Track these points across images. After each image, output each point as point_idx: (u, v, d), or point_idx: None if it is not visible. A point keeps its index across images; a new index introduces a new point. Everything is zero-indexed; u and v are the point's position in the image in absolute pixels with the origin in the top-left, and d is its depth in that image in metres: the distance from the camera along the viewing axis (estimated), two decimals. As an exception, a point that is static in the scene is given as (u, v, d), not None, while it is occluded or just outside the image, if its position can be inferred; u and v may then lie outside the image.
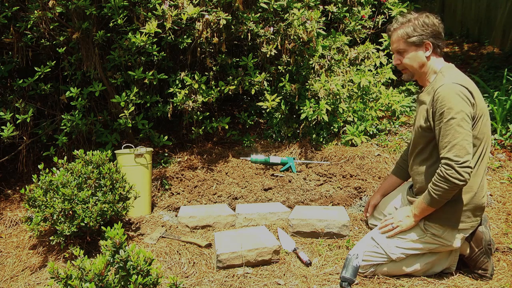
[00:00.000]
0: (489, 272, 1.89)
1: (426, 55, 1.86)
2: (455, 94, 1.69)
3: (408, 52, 1.88)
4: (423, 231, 1.86)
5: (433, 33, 1.84)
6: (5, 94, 3.12)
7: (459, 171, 1.67)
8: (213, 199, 2.82)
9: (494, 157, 3.04)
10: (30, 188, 2.16)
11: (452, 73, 1.81)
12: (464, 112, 1.69)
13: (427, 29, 1.83)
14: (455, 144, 1.68)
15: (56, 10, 2.71)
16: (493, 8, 6.09)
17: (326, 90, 3.22)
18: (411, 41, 1.85)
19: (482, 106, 1.77)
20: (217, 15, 2.85)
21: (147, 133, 3.23)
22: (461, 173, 1.67)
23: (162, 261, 2.11)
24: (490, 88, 4.12)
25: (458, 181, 1.68)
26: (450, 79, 1.75)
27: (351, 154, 3.23)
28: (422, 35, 1.84)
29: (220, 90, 3.23)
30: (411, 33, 1.84)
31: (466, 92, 1.70)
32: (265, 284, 1.89)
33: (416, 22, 1.84)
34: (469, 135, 1.70)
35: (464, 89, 1.70)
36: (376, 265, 1.91)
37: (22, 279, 2.09)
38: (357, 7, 3.88)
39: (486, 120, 1.79)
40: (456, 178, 1.68)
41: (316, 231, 2.31)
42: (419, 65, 1.88)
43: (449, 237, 1.83)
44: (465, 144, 1.68)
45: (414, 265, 1.90)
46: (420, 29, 1.83)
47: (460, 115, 1.68)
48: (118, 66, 3.12)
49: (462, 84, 1.72)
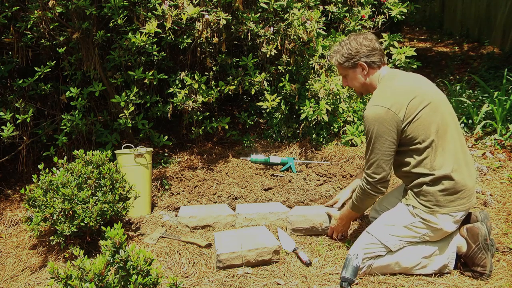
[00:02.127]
0: (487, 269, 1.88)
1: (364, 74, 2.04)
2: (373, 120, 1.88)
3: (348, 75, 2.09)
4: (413, 216, 1.91)
5: (363, 53, 2.00)
6: (5, 94, 3.12)
7: (376, 186, 1.94)
8: (213, 199, 2.82)
9: (494, 157, 3.05)
10: (30, 188, 2.16)
11: (381, 90, 1.97)
12: (381, 134, 1.87)
13: (354, 52, 2.00)
14: (373, 163, 1.92)
15: (56, 10, 2.71)
16: (493, 8, 6.09)
17: (326, 90, 3.22)
18: (346, 66, 2.05)
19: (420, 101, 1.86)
20: (217, 15, 2.85)
21: (147, 133, 3.23)
22: (377, 187, 1.94)
23: (162, 261, 2.11)
24: (490, 88, 4.12)
25: (375, 193, 1.96)
26: (373, 101, 1.92)
27: (351, 154, 3.23)
28: (353, 59, 2.01)
29: (220, 90, 3.23)
30: (343, 60, 2.04)
31: (384, 113, 1.85)
32: (265, 284, 1.89)
33: (343, 50, 2.03)
34: (387, 154, 1.90)
35: (383, 109, 1.85)
36: (374, 257, 1.93)
37: (22, 279, 2.09)
38: (357, 7, 3.87)
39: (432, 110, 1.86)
40: (373, 191, 1.95)
41: (315, 227, 2.33)
42: (360, 84, 2.08)
43: (438, 221, 1.87)
44: (381, 163, 1.91)
45: (411, 258, 1.92)
46: (348, 54, 2.02)
47: (376, 137, 1.88)
48: (118, 66, 3.12)
49: (381, 104, 1.87)
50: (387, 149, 1.89)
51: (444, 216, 1.87)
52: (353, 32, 2.35)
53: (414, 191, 1.92)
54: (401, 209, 1.97)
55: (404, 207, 1.95)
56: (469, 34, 6.76)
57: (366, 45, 1.99)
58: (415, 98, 1.86)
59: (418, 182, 1.89)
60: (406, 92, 1.88)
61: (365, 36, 2.01)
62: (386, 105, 1.85)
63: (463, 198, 1.88)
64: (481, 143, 3.28)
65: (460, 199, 1.87)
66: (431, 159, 1.86)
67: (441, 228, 1.88)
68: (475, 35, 6.59)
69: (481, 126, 3.41)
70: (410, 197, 1.94)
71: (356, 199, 2.05)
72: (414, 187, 1.91)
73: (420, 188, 1.88)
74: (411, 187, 1.94)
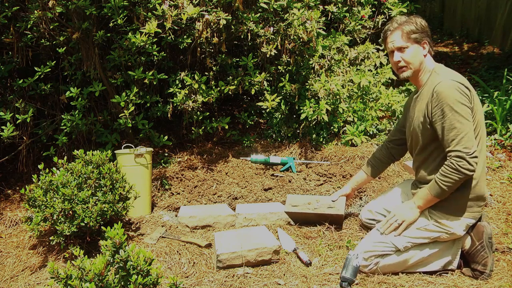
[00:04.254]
0: (488, 268, 1.88)
1: (424, 53, 1.96)
2: (455, 90, 1.77)
3: (409, 48, 1.95)
4: (427, 219, 1.90)
5: (428, 34, 1.97)
6: (5, 94, 3.12)
7: (470, 161, 1.75)
8: (213, 199, 2.82)
9: (494, 157, 3.04)
10: (30, 188, 2.15)
11: (447, 71, 1.91)
12: (465, 105, 1.77)
13: (424, 28, 1.95)
14: (463, 137, 1.76)
15: (56, 10, 2.71)
16: (493, 8, 6.09)
17: (326, 90, 3.22)
18: (413, 37, 1.93)
19: (476, 100, 1.86)
20: (217, 15, 2.85)
21: (147, 133, 3.22)
22: (471, 163, 1.75)
23: (162, 261, 2.11)
24: (490, 88, 4.12)
25: (468, 171, 1.76)
26: (447, 76, 1.83)
27: (351, 154, 3.23)
28: (422, 33, 1.94)
29: (220, 90, 3.23)
30: (414, 30, 1.93)
31: (463, 88, 1.80)
32: (265, 284, 1.89)
33: (416, 21, 1.95)
34: (472, 127, 1.79)
35: (461, 85, 1.80)
36: (381, 255, 1.92)
37: (22, 279, 2.09)
38: (357, 7, 3.88)
39: (481, 113, 1.88)
40: (467, 168, 1.75)
41: (311, 207, 2.41)
42: (419, 61, 1.95)
43: (453, 224, 1.87)
44: (471, 136, 1.77)
45: (417, 256, 1.91)
46: (420, 27, 1.94)
47: (462, 110, 1.76)
48: (118, 66, 3.12)
49: (458, 80, 1.81)
50: (472, 122, 1.79)
51: (459, 221, 1.86)
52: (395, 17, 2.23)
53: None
54: (415, 209, 1.94)
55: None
56: (469, 34, 6.75)
57: (429, 29, 1.96)
58: (472, 90, 1.85)
59: None
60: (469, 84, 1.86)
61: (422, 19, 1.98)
62: (464, 83, 1.80)
63: (480, 206, 1.89)
64: (481, 143, 3.28)
65: (478, 207, 1.89)
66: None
67: (455, 233, 1.88)
68: (475, 35, 6.59)
69: (481, 126, 3.41)
70: None
71: (445, 182, 1.79)
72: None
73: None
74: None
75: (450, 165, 1.78)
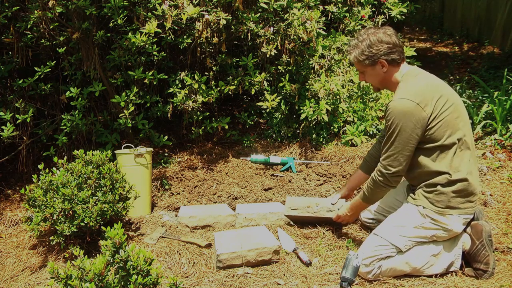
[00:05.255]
0: (490, 267, 1.88)
1: (383, 71, 1.97)
2: (399, 112, 1.83)
3: (366, 72, 2.02)
4: (423, 217, 1.90)
5: (384, 51, 1.93)
6: (5, 94, 3.12)
7: (389, 179, 1.91)
8: (213, 199, 2.82)
9: (494, 157, 3.04)
10: (30, 188, 2.15)
11: (407, 84, 1.91)
12: (405, 128, 1.82)
13: (375, 49, 1.93)
14: (391, 156, 1.89)
15: (56, 10, 2.71)
16: (493, 8, 6.09)
17: (326, 90, 3.22)
18: (366, 63, 1.98)
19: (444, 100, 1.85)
20: (217, 15, 2.85)
21: (147, 133, 3.22)
22: (391, 182, 1.92)
23: (162, 261, 2.11)
24: (490, 88, 4.12)
25: (386, 186, 1.94)
26: (400, 94, 1.87)
27: (351, 154, 3.23)
28: (373, 56, 1.94)
29: (220, 90, 3.23)
30: (362, 57, 1.97)
31: (413, 108, 1.81)
32: (265, 284, 1.89)
33: (363, 46, 1.95)
34: (407, 149, 1.86)
35: (412, 103, 1.81)
36: (383, 258, 1.90)
37: (22, 279, 2.09)
38: (357, 7, 3.88)
39: (455, 110, 1.86)
40: (386, 184, 1.93)
41: (310, 210, 2.38)
42: (379, 80, 2.02)
43: (448, 221, 1.87)
44: (400, 157, 1.87)
45: (420, 257, 1.91)
46: (368, 51, 1.94)
47: (401, 131, 1.83)
48: (118, 66, 3.12)
49: (410, 98, 1.82)
50: (409, 144, 1.85)
51: (454, 217, 1.87)
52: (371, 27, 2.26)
53: (425, 191, 1.90)
54: (410, 209, 1.95)
55: (413, 208, 1.93)
56: (469, 34, 6.76)
57: (386, 42, 1.92)
58: (442, 97, 1.85)
59: (432, 182, 1.88)
60: (433, 91, 1.86)
61: (384, 31, 1.94)
62: (415, 100, 1.81)
63: (472, 201, 1.89)
64: (481, 143, 3.28)
65: (470, 202, 1.89)
66: (450, 160, 1.85)
67: (451, 229, 1.88)
68: (475, 35, 6.59)
69: (481, 126, 3.41)
70: (419, 197, 1.92)
71: (367, 190, 2.02)
72: (427, 186, 1.90)
73: (434, 188, 1.87)
74: (423, 186, 1.92)
75: (373, 177, 1.98)
